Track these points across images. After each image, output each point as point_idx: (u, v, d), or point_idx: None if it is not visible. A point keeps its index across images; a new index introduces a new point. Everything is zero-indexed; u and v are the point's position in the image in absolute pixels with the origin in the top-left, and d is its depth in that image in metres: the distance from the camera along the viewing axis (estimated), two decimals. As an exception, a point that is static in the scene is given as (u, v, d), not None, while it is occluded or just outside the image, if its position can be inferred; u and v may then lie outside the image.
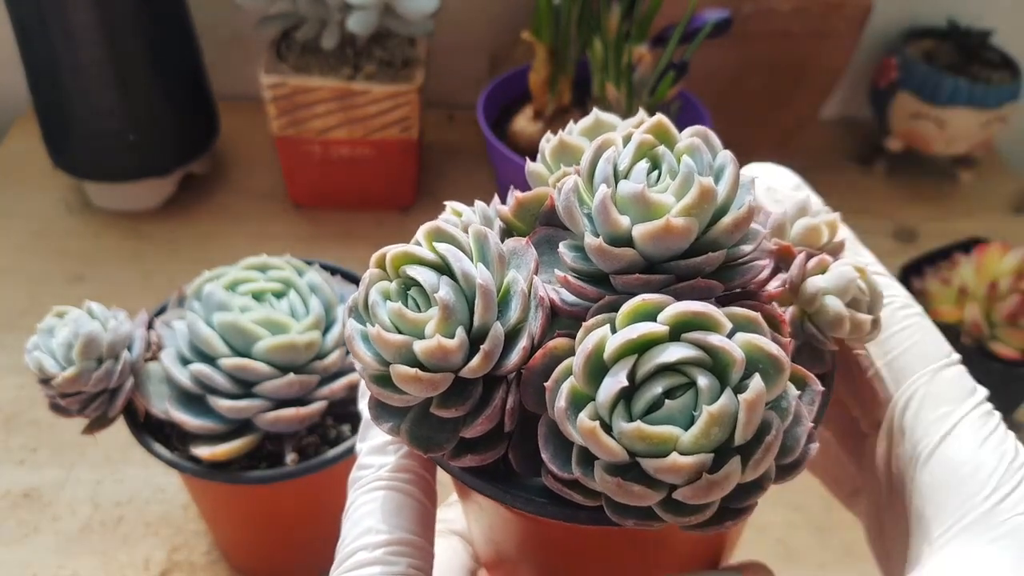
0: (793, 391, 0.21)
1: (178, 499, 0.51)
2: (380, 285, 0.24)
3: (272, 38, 0.67)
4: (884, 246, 0.75)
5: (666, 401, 0.20)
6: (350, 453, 0.39)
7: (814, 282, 0.25)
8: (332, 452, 0.39)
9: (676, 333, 0.21)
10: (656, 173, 0.23)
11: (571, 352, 0.22)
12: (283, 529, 0.46)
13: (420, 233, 0.24)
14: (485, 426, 0.23)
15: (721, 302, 0.22)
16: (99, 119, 0.64)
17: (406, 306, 0.23)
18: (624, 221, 0.22)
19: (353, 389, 0.40)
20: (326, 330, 0.40)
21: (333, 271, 0.45)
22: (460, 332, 0.22)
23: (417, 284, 0.23)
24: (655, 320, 0.21)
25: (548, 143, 0.27)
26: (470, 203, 0.29)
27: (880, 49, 0.81)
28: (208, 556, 0.49)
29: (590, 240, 0.22)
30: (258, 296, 0.40)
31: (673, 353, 0.20)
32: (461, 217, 0.27)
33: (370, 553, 0.25)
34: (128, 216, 0.70)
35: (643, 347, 0.21)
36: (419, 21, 0.62)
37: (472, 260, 0.23)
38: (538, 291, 0.23)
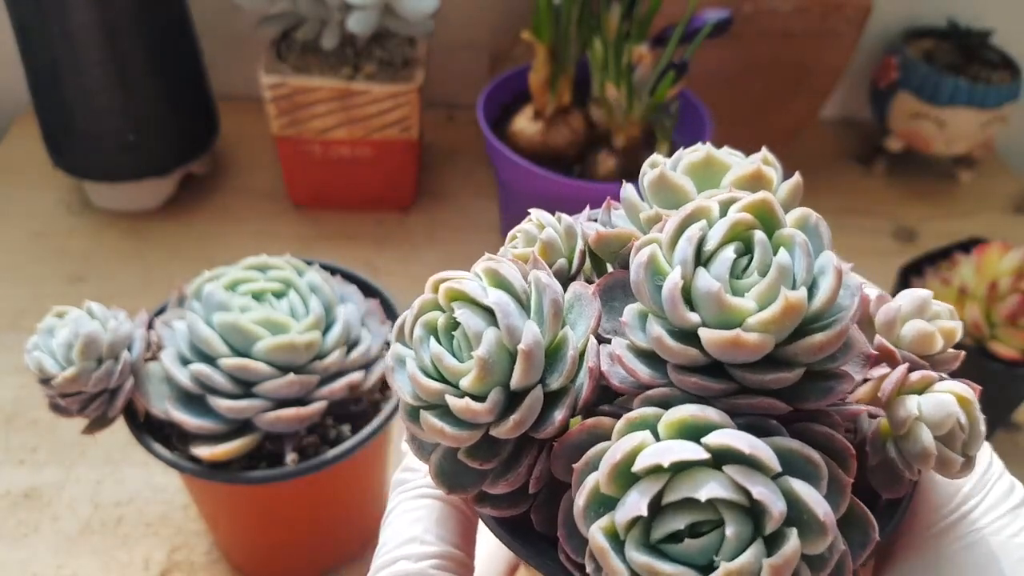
0: (839, 545, 0.19)
1: (178, 499, 0.51)
2: (429, 316, 0.23)
3: (272, 38, 0.67)
4: (884, 246, 0.74)
5: (686, 539, 0.19)
6: (350, 453, 0.39)
7: (909, 405, 0.22)
8: (332, 452, 0.39)
9: (719, 462, 0.19)
10: (747, 259, 0.21)
11: (610, 435, 0.21)
12: (283, 529, 0.46)
13: (479, 267, 0.23)
14: (509, 487, 0.22)
15: (788, 419, 0.20)
16: (99, 119, 0.64)
17: (451, 347, 0.22)
18: (693, 319, 0.20)
19: (353, 389, 0.40)
20: (326, 330, 0.40)
21: (333, 271, 0.45)
22: (496, 392, 0.21)
23: (463, 327, 0.22)
24: (699, 441, 0.19)
25: (648, 175, 0.25)
26: (470, 203, 0.28)
27: (880, 49, 0.81)
28: (208, 556, 0.49)
29: (651, 328, 0.21)
30: (258, 296, 0.40)
31: (706, 490, 0.18)
32: (543, 231, 0.25)
33: (414, 564, 0.25)
34: (128, 216, 0.70)
35: (679, 468, 0.19)
36: (419, 21, 0.62)
37: (526, 309, 0.22)
38: (590, 358, 0.22)
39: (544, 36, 0.55)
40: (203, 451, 0.37)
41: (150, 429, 0.39)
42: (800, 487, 0.19)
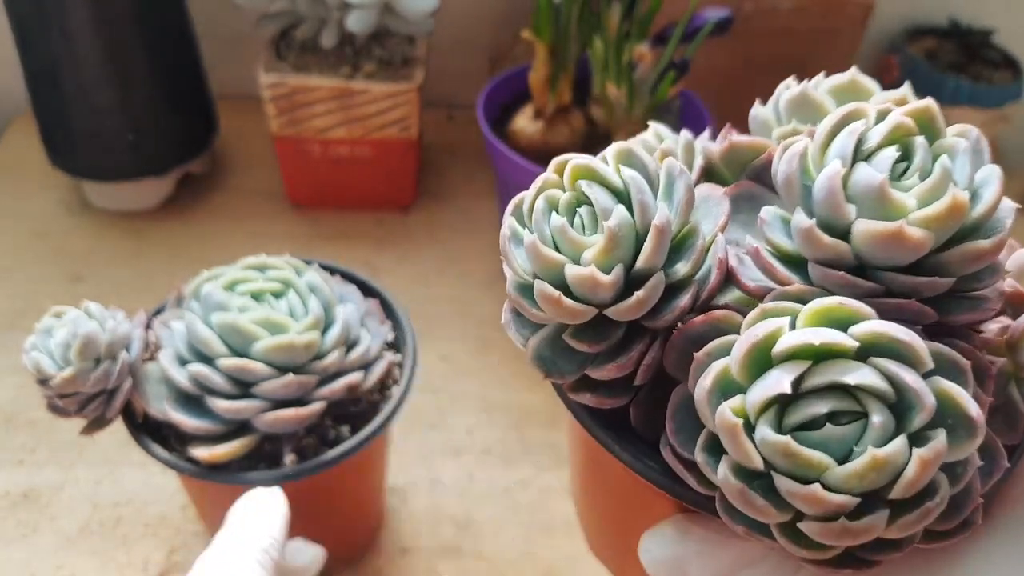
0: (976, 460, 0.18)
1: (177, 500, 0.51)
2: (551, 193, 0.21)
3: (271, 37, 0.66)
4: (885, 246, 0.74)
5: (827, 424, 0.18)
6: (349, 454, 0.39)
7: None
8: (331, 453, 0.38)
9: (865, 353, 0.18)
10: (905, 166, 0.19)
11: (737, 329, 0.19)
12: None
13: (609, 151, 0.22)
14: (614, 373, 0.21)
15: (929, 332, 0.19)
16: (97, 118, 0.64)
17: (572, 223, 0.21)
18: (849, 211, 0.19)
19: (352, 390, 0.40)
20: (325, 330, 0.40)
21: (332, 271, 0.45)
22: (619, 269, 0.20)
23: (590, 203, 0.21)
24: (846, 331, 0.18)
25: (787, 90, 0.23)
26: (470, 202, 0.27)
27: (881, 48, 0.81)
28: (207, 557, 0.49)
29: (800, 219, 0.19)
30: (257, 296, 0.39)
31: (856, 375, 0.17)
32: (663, 143, 0.24)
33: None
34: (127, 216, 0.69)
35: (822, 356, 0.18)
36: (419, 20, 0.62)
37: (656, 195, 0.21)
38: (719, 251, 0.21)
39: (544, 35, 0.54)
40: (201, 452, 0.37)
41: (148, 430, 0.39)
42: (951, 387, 0.17)
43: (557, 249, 0.21)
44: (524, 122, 0.59)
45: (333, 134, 0.66)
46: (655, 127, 0.26)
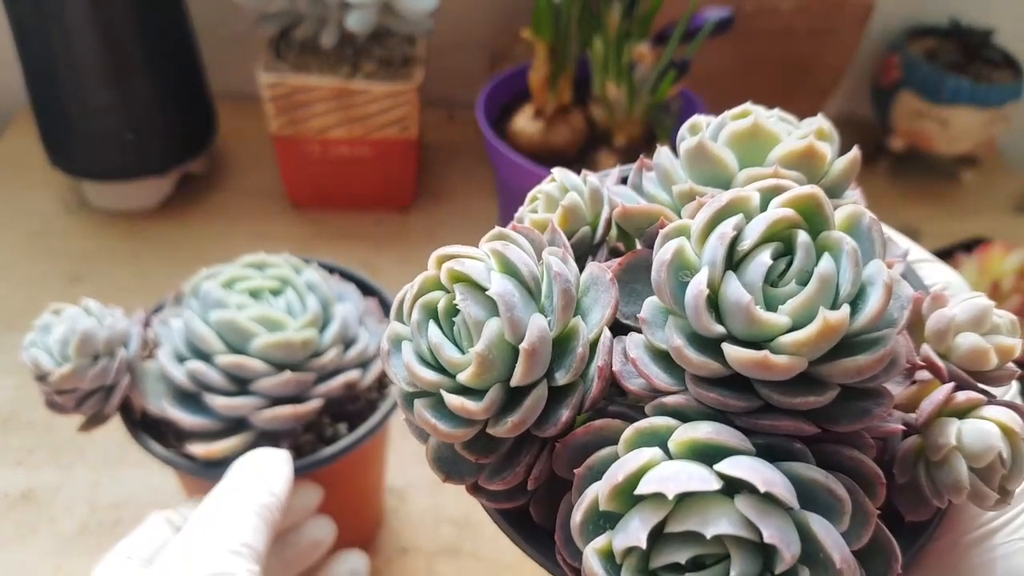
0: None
1: (175, 501, 0.51)
2: (430, 297, 0.21)
3: (271, 37, 0.66)
4: (886, 246, 0.74)
5: (687, 574, 0.17)
6: (346, 452, 0.39)
7: (948, 431, 0.20)
8: (328, 451, 0.38)
9: (731, 491, 0.17)
10: (786, 262, 0.18)
11: (618, 438, 0.19)
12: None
13: (486, 244, 0.21)
14: (505, 485, 0.21)
15: (817, 438, 0.19)
16: (97, 118, 0.64)
17: (451, 333, 0.20)
18: (717, 330, 0.18)
19: (350, 387, 0.40)
20: (323, 328, 0.40)
21: (331, 269, 0.45)
22: (494, 391, 0.20)
23: (464, 314, 0.20)
24: (712, 467, 0.17)
25: (686, 143, 0.22)
26: (470, 202, 0.27)
27: (882, 48, 0.81)
28: (206, 558, 0.49)
29: (672, 336, 0.19)
30: (255, 294, 0.39)
31: (715, 526, 0.17)
32: (567, 195, 0.23)
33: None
34: (126, 216, 0.69)
35: (685, 497, 0.17)
36: (418, 19, 0.62)
37: (535, 296, 0.20)
38: (601, 355, 0.20)
39: (544, 35, 0.54)
40: (199, 449, 0.37)
41: (147, 426, 0.39)
42: (818, 526, 0.17)
43: (436, 364, 0.20)
44: (524, 122, 0.59)
45: (333, 134, 0.66)
46: (560, 174, 0.24)
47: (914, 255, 0.25)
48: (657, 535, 0.17)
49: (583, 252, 0.22)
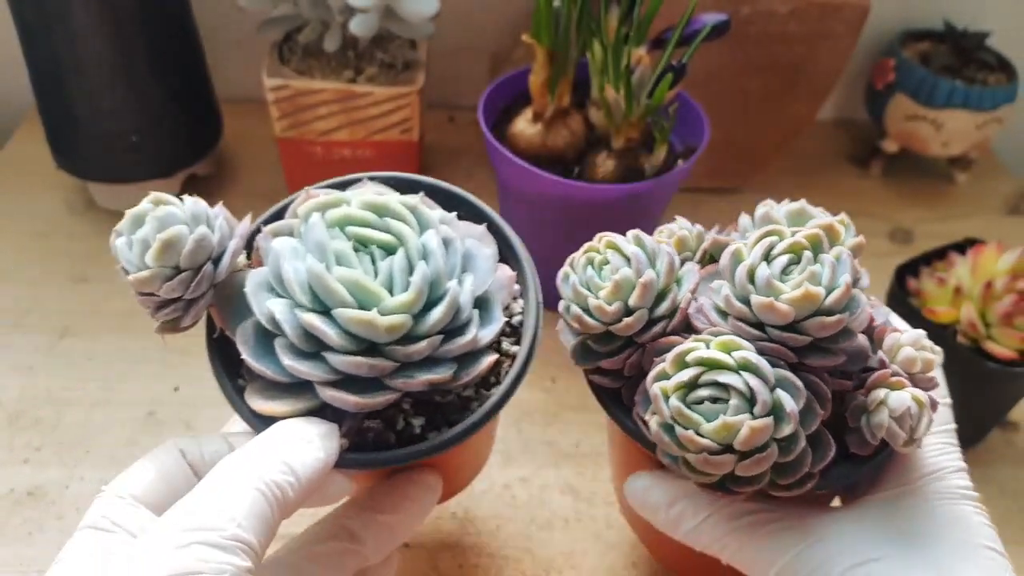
0: (801, 441, 0.31)
1: (181, 497, 0.52)
2: (591, 254, 0.36)
3: (274, 41, 0.67)
4: (880, 247, 0.75)
5: (706, 402, 0.31)
6: (400, 461, 0.33)
7: (880, 393, 0.33)
8: (380, 455, 0.33)
9: (740, 368, 0.31)
10: (795, 266, 0.33)
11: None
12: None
13: (631, 234, 0.36)
14: (613, 366, 0.35)
15: (795, 367, 0.32)
16: (102, 120, 0.64)
17: (599, 274, 0.35)
18: (751, 289, 0.32)
19: (436, 386, 0.33)
20: (425, 310, 0.32)
21: (485, 219, 0.38)
22: (619, 304, 0.34)
23: (610, 264, 0.35)
24: (730, 354, 0.31)
25: (758, 211, 0.38)
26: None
27: (877, 51, 0.82)
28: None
29: (723, 291, 0.33)
30: (362, 244, 0.33)
31: (725, 378, 0.31)
32: (681, 230, 0.40)
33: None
34: (131, 217, 0.70)
35: (713, 365, 0.31)
36: (420, 24, 0.63)
37: (652, 263, 0.35)
38: (683, 303, 0.35)
39: (544, 39, 0.55)
40: (257, 401, 0.33)
41: (223, 347, 0.35)
42: (782, 395, 0.31)
43: (588, 288, 0.35)
44: (524, 124, 0.59)
45: (335, 136, 0.67)
46: (680, 221, 0.40)
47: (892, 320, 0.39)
48: (693, 384, 0.32)
49: (686, 260, 0.39)
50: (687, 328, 0.35)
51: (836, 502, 0.39)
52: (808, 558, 0.33)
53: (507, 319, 0.37)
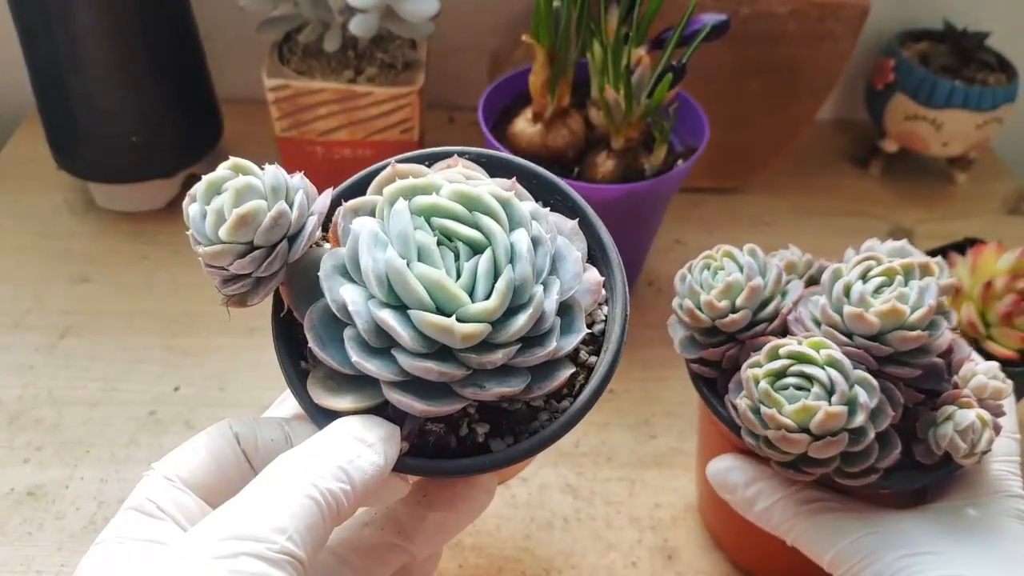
0: (871, 435, 0.36)
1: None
2: (707, 260, 0.43)
3: (275, 41, 0.67)
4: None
5: (791, 388, 0.37)
6: (455, 473, 0.31)
7: (949, 409, 0.38)
8: (436, 464, 0.31)
9: (825, 363, 0.36)
10: (888, 288, 0.38)
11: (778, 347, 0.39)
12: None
13: (748, 247, 0.43)
14: (713, 356, 0.42)
15: (875, 374, 0.37)
16: (103, 120, 0.64)
17: (714, 278, 0.42)
18: (845, 301, 0.38)
19: (504, 399, 0.30)
20: (507, 316, 0.29)
21: (578, 212, 0.34)
22: (727, 303, 0.41)
23: (724, 269, 0.42)
24: (818, 352, 0.37)
25: (865, 243, 0.43)
26: None
27: (876, 51, 0.82)
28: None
29: (823, 304, 0.39)
30: (447, 237, 0.30)
31: (811, 371, 0.36)
32: (792, 255, 0.47)
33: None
34: (132, 217, 0.70)
35: (801, 359, 0.37)
36: (420, 24, 0.63)
37: (761, 273, 0.41)
38: (785, 311, 0.42)
39: (544, 39, 0.55)
40: (318, 391, 0.31)
41: (289, 328, 0.33)
42: (859, 391, 0.36)
43: (702, 287, 0.42)
44: (524, 124, 0.60)
45: (335, 136, 0.67)
46: (792, 248, 0.47)
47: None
48: (782, 372, 0.37)
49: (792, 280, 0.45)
50: (784, 333, 0.40)
51: None
52: (865, 544, 0.37)
53: (588, 327, 0.33)
